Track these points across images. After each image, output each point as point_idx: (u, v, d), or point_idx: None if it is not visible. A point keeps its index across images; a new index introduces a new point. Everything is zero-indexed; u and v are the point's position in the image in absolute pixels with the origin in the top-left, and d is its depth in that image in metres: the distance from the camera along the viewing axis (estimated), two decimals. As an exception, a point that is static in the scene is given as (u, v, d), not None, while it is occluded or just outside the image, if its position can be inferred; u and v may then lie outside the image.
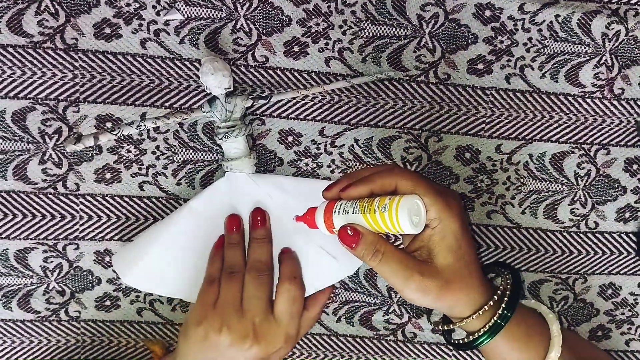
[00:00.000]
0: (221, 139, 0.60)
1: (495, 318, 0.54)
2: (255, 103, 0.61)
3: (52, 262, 0.65)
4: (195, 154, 0.64)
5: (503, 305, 0.54)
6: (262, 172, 0.65)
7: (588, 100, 0.65)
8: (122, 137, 0.63)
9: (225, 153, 0.62)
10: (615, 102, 0.65)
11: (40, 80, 0.61)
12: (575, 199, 0.67)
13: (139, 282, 0.62)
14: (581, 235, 0.68)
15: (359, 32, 0.63)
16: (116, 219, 0.65)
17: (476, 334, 0.55)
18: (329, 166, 0.65)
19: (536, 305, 0.62)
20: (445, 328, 0.59)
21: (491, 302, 0.55)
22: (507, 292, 0.56)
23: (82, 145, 0.56)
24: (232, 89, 0.59)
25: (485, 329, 0.55)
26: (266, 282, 0.59)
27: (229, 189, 0.62)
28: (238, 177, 0.61)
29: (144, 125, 0.59)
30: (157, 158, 0.64)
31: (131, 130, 0.59)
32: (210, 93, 0.60)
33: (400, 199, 0.51)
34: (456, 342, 0.58)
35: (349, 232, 0.52)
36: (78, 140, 0.56)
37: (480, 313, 0.54)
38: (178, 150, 0.64)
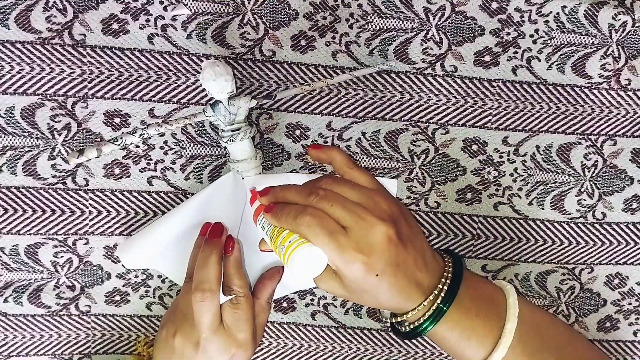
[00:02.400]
0: (226, 142, 0.60)
1: (434, 307, 0.52)
2: (259, 103, 0.60)
3: (62, 257, 0.66)
4: (203, 149, 0.65)
5: (442, 295, 0.52)
6: (270, 166, 0.65)
7: (595, 91, 0.65)
8: (125, 147, 0.63)
9: (231, 155, 0.61)
10: (622, 93, 0.65)
11: (49, 76, 0.61)
12: (582, 190, 0.67)
13: (137, 262, 0.63)
14: (588, 226, 0.68)
15: (366, 26, 0.63)
16: (125, 214, 0.65)
17: (416, 322, 0.53)
18: (336, 159, 0.65)
19: (496, 282, 0.59)
20: (394, 320, 0.56)
21: (431, 297, 0.52)
22: (447, 281, 0.53)
23: (85, 158, 0.56)
24: (235, 92, 0.58)
25: (426, 317, 0.52)
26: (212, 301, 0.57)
27: (233, 186, 0.62)
28: (242, 182, 0.62)
29: (147, 133, 0.57)
30: (166, 153, 0.64)
31: (134, 139, 0.57)
32: (213, 97, 0.60)
33: (297, 247, 0.49)
34: (401, 331, 0.56)
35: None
36: (81, 154, 0.55)
37: (419, 309, 0.52)
38: (186, 145, 0.64)
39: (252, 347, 0.59)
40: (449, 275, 0.53)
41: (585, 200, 0.67)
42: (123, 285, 0.67)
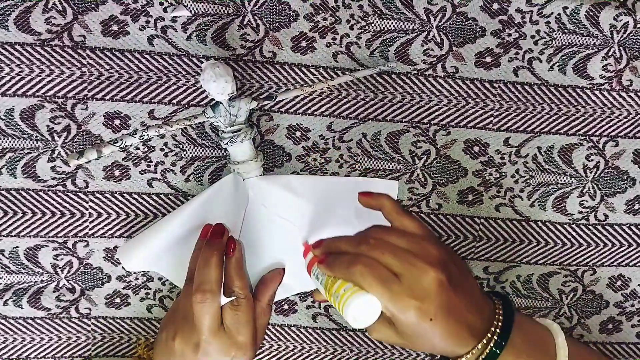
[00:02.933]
0: (227, 143, 0.60)
1: (487, 350, 0.52)
2: (260, 104, 0.60)
3: (62, 259, 0.65)
4: (203, 151, 0.64)
5: (495, 338, 0.52)
6: (271, 168, 0.65)
7: (596, 92, 0.65)
8: (125, 148, 0.63)
9: (232, 157, 0.61)
10: (623, 94, 0.65)
11: (49, 78, 0.61)
12: (584, 191, 0.67)
13: (138, 264, 0.62)
14: (590, 227, 0.68)
15: (367, 27, 0.63)
16: (125, 216, 0.65)
17: None
18: (337, 161, 0.65)
19: (541, 321, 0.58)
20: None
21: (484, 340, 0.52)
22: (499, 324, 0.53)
23: (85, 160, 0.55)
24: (235, 94, 0.58)
25: (483, 357, 0.52)
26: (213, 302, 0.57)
27: (234, 187, 0.62)
28: (243, 183, 0.61)
29: (147, 134, 0.57)
30: (166, 155, 0.64)
31: (134, 141, 0.57)
32: (213, 99, 0.60)
33: (351, 295, 0.50)
34: None
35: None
36: (81, 155, 0.55)
37: (473, 352, 0.52)
38: (186, 147, 0.64)
39: (252, 350, 0.59)
40: (500, 317, 0.53)
41: (587, 201, 0.67)
42: (123, 288, 0.67)
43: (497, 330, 0.52)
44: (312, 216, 0.61)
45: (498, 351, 0.52)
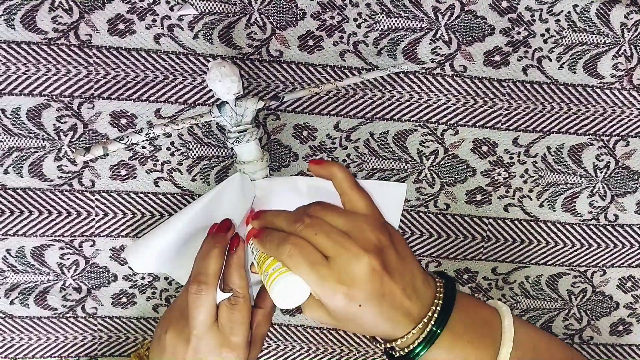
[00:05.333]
0: (233, 143, 0.59)
1: (424, 334, 0.51)
2: (267, 104, 0.60)
3: (68, 259, 0.65)
4: (210, 150, 0.64)
5: (431, 322, 0.51)
6: (277, 168, 0.65)
7: (607, 91, 0.64)
8: (131, 146, 0.63)
9: (238, 156, 0.61)
10: (634, 93, 0.64)
11: (55, 77, 0.61)
12: (594, 191, 0.66)
13: (146, 265, 0.62)
14: (600, 228, 0.67)
15: (374, 25, 0.62)
16: (132, 216, 0.65)
17: (411, 346, 0.52)
18: (344, 160, 0.65)
19: (492, 303, 0.57)
20: (388, 345, 0.54)
21: (420, 325, 0.51)
22: (437, 308, 0.52)
23: (91, 156, 0.55)
24: (242, 93, 0.57)
25: (415, 344, 0.51)
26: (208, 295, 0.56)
27: (241, 186, 0.62)
28: (250, 182, 0.61)
29: (153, 132, 0.56)
30: (172, 154, 0.64)
31: (139, 139, 0.56)
32: (219, 98, 0.59)
33: (278, 276, 0.49)
34: (394, 356, 0.54)
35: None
36: (87, 151, 0.55)
37: (409, 336, 0.51)
38: (193, 146, 0.64)
39: (244, 354, 0.56)
40: (440, 302, 0.52)
41: (597, 202, 0.67)
42: (129, 287, 0.67)
43: (435, 315, 0.51)
44: None
45: (437, 332, 0.51)
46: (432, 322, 0.51)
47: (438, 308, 0.51)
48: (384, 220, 0.54)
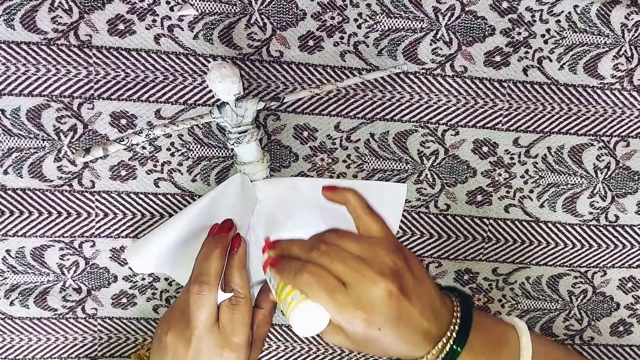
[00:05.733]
0: (233, 144, 0.59)
1: (442, 355, 0.51)
2: (267, 105, 0.60)
3: (68, 259, 0.65)
4: (210, 151, 0.64)
5: (451, 342, 0.51)
6: (278, 168, 0.65)
7: (607, 91, 0.64)
8: (132, 147, 0.63)
9: (238, 157, 0.61)
10: (634, 94, 0.64)
11: (55, 77, 0.61)
12: (594, 191, 0.66)
13: (147, 266, 0.62)
14: (601, 228, 0.67)
15: (375, 26, 0.62)
16: (132, 216, 0.65)
17: None
18: (344, 161, 0.65)
19: (509, 319, 0.58)
20: None
21: (439, 345, 0.51)
22: (456, 327, 0.52)
23: (91, 157, 0.56)
24: (242, 94, 0.57)
25: None
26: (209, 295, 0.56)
27: (242, 187, 0.62)
28: (252, 183, 0.61)
29: (153, 133, 0.57)
30: (172, 155, 0.64)
31: (139, 139, 0.57)
32: (220, 99, 0.59)
33: (297, 304, 0.50)
34: None
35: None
36: (87, 152, 0.55)
37: (428, 357, 0.51)
38: (193, 147, 0.64)
39: (245, 354, 0.56)
40: (458, 320, 0.52)
41: (597, 202, 0.66)
42: (130, 288, 0.67)
43: (454, 335, 0.51)
44: (317, 220, 0.61)
45: (458, 349, 0.51)
46: (452, 342, 0.51)
47: (456, 327, 0.52)
48: (398, 242, 0.54)
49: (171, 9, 0.61)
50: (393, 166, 0.65)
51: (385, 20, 0.62)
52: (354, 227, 0.55)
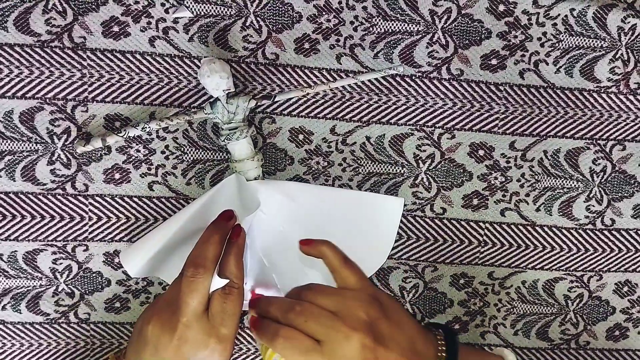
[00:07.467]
0: (224, 140, 0.59)
1: None
2: (259, 103, 0.60)
3: (61, 263, 0.65)
4: (204, 154, 0.64)
5: None
6: (273, 172, 0.64)
7: (603, 95, 0.64)
8: (129, 139, 0.62)
9: (231, 155, 0.61)
10: (631, 97, 0.64)
11: (48, 80, 0.60)
12: (590, 195, 0.66)
13: (142, 270, 0.61)
14: (597, 232, 0.67)
15: (371, 28, 0.62)
16: (126, 220, 0.64)
17: None
18: (340, 164, 0.64)
19: (498, 352, 0.59)
20: None
21: None
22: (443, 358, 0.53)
23: (91, 147, 0.56)
24: (232, 90, 0.58)
25: None
26: (202, 284, 0.55)
27: (237, 188, 0.61)
28: (246, 183, 0.61)
29: (149, 127, 0.58)
30: (167, 158, 0.63)
31: (137, 132, 0.58)
32: (212, 95, 0.59)
33: None
34: None
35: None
36: (87, 142, 0.55)
37: None
38: (187, 150, 0.63)
39: (230, 347, 0.55)
40: (443, 357, 0.52)
41: (593, 206, 0.66)
42: (123, 292, 0.66)
43: None
44: (306, 226, 0.61)
45: None
46: None
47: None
48: (375, 290, 0.54)
49: (166, 11, 0.60)
50: (389, 170, 0.65)
51: (381, 23, 0.62)
52: (343, 228, 0.56)
